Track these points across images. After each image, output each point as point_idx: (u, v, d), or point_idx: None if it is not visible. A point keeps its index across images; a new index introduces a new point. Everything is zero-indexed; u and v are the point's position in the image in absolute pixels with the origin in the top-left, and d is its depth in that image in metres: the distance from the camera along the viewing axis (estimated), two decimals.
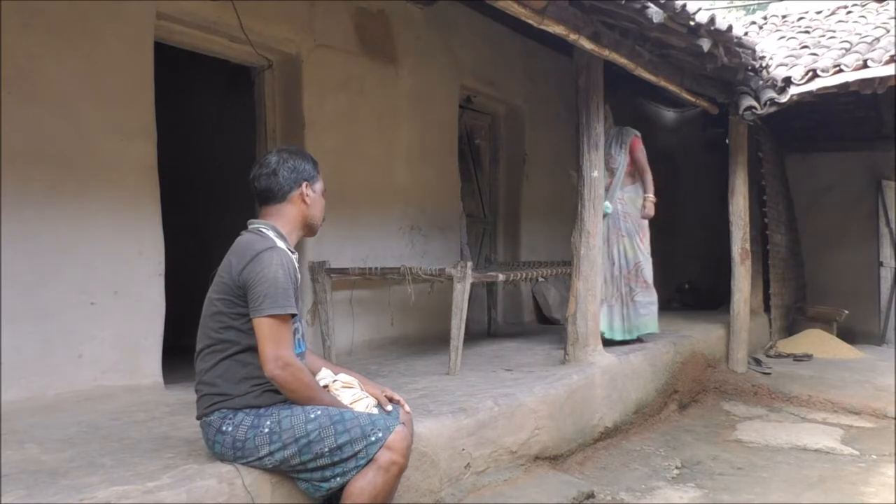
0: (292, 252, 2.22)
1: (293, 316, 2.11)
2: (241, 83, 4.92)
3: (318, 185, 2.33)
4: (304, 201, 2.27)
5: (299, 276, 2.24)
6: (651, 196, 4.97)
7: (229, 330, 2.12)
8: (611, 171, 4.79)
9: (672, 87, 4.97)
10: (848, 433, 4.48)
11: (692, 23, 3.95)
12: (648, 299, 4.95)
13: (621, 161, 4.83)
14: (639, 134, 4.97)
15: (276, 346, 2.03)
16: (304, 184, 2.26)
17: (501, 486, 3.06)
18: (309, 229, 2.34)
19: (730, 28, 4.31)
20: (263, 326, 2.03)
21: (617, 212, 4.82)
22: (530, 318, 6.74)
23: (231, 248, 2.19)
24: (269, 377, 2.05)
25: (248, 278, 2.06)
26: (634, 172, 4.96)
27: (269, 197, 2.25)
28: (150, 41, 3.60)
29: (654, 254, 5.06)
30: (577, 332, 4.14)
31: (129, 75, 3.48)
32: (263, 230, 2.20)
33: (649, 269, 4.95)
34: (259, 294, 2.04)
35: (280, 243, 2.17)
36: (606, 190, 4.68)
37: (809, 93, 5.25)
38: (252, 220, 2.26)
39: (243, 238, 2.20)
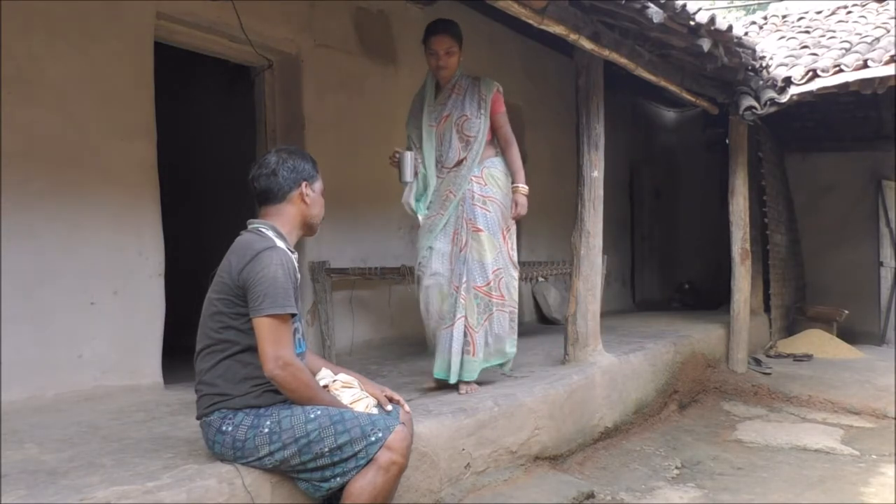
0: (292, 252, 2.22)
1: (293, 316, 2.11)
2: (241, 83, 4.92)
3: (318, 185, 2.33)
4: (303, 201, 2.27)
5: (299, 275, 2.24)
6: (523, 186, 3.41)
7: (229, 330, 2.12)
8: (466, 141, 3.38)
9: (672, 87, 4.96)
10: (848, 433, 4.48)
11: (692, 23, 3.95)
12: (510, 324, 3.43)
13: (481, 126, 3.38)
14: (501, 88, 3.51)
15: (275, 346, 2.03)
16: (304, 183, 2.27)
17: (501, 486, 3.06)
18: (309, 229, 2.34)
19: (730, 28, 4.31)
20: (263, 326, 2.03)
21: (472, 194, 3.35)
22: (530, 318, 6.74)
23: (231, 247, 2.19)
24: (269, 377, 2.05)
25: (248, 278, 2.06)
26: (495, 141, 3.49)
27: (268, 197, 2.25)
28: (150, 41, 3.60)
29: (653, 254, 4.96)
30: (577, 332, 4.14)
31: (129, 75, 3.48)
32: (263, 230, 2.20)
33: (514, 282, 3.44)
34: (258, 294, 2.04)
35: (280, 243, 2.17)
36: (459, 164, 3.37)
37: (809, 93, 5.26)
38: (251, 220, 2.26)
39: (243, 238, 2.20)
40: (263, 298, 2.03)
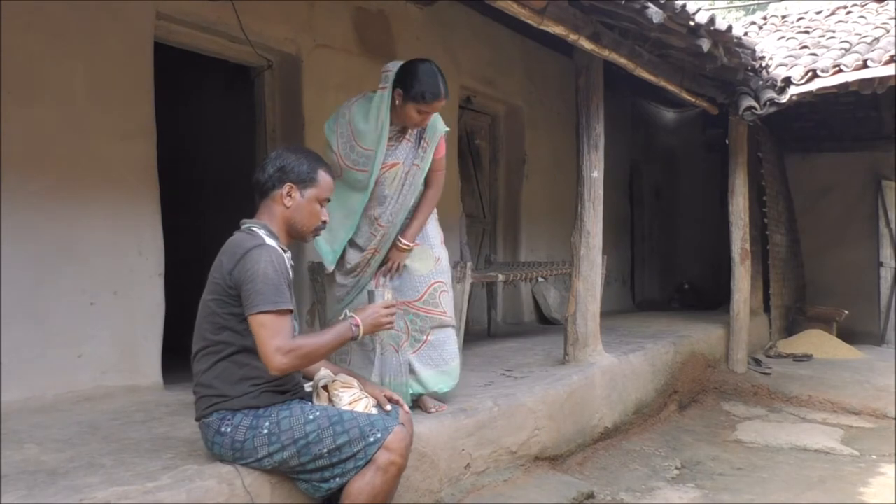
0: (284, 251, 2.19)
1: (290, 312, 2.07)
2: (241, 83, 4.92)
3: (311, 192, 2.21)
4: (283, 202, 2.19)
5: (291, 275, 2.19)
6: (405, 243, 2.90)
7: (224, 331, 2.10)
8: (404, 196, 2.93)
9: (672, 88, 4.96)
10: (848, 433, 4.49)
11: (692, 23, 3.95)
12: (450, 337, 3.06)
13: (420, 178, 2.96)
14: (446, 132, 3.07)
15: (272, 340, 1.97)
16: (289, 185, 2.18)
17: (501, 487, 3.06)
18: (296, 234, 2.25)
19: (730, 28, 4.32)
20: (258, 324, 1.99)
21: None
22: (530, 319, 6.74)
23: (222, 248, 2.16)
24: (278, 373, 2.00)
25: (239, 277, 2.03)
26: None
27: (256, 191, 2.24)
28: (149, 41, 3.60)
29: (653, 254, 4.96)
30: (576, 332, 4.14)
31: (129, 75, 3.48)
32: (254, 229, 2.17)
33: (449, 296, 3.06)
34: (250, 292, 2.00)
35: (270, 241, 2.13)
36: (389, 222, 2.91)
37: (809, 93, 5.26)
38: (244, 220, 2.23)
39: (234, 238, 2.17)
40: (256, 296, 2.00)
